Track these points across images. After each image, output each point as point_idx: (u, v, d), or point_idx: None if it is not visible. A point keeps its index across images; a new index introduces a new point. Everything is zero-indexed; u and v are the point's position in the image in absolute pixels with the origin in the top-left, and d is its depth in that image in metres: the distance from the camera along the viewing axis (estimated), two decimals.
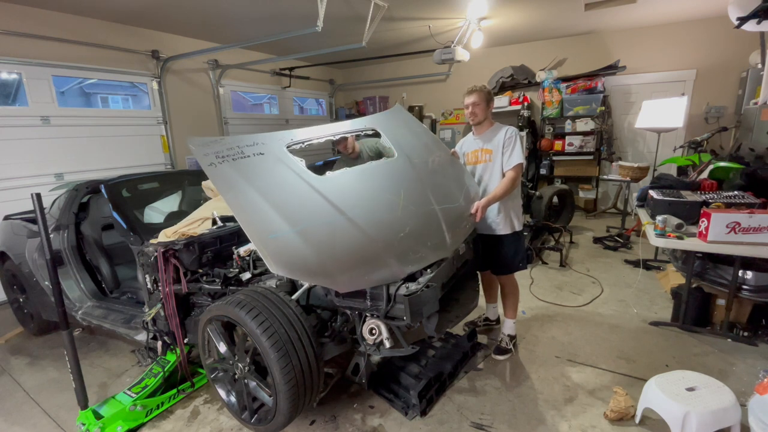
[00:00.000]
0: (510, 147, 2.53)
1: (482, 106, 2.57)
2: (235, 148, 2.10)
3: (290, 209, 1.96)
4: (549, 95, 6.40)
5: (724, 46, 5.61)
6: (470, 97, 2.57)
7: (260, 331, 1.83)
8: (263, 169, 2.09)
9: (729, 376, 2.43)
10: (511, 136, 2.53)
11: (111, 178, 3.05)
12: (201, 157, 1.98)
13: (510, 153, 2.52)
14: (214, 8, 4.43)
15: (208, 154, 2.01)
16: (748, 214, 2.39)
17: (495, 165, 2.60)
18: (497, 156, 2.58)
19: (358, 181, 2.31)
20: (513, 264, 2.70)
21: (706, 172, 3.48)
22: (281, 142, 2.31)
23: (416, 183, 2.46)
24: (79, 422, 2.22)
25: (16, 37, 4.05)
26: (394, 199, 2.27)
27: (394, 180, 2.42)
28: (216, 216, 2.65)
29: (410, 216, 2.23)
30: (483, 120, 2.61)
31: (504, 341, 2.78)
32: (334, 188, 2.15)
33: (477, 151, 2.70)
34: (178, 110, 5.62)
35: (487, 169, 2.65)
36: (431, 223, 2.29)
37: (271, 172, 2.10)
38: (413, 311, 1.83)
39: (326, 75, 8.44)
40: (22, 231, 3.22)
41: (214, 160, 1.98)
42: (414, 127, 2.97)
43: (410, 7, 4.66)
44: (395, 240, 2.06)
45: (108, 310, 2.89)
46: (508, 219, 2.63)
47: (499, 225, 2.63)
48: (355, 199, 2.17)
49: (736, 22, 3.43)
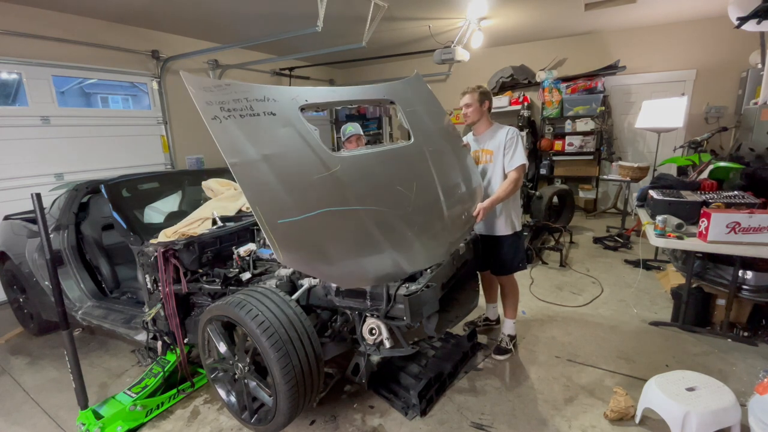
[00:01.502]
0: (512, 148, 2.51)
1: (475, 106, 2.56)
2: (243, 101, 1.80)
3: (301, 190, 1.77)
4: (549, 95, 6.40)
5: (724, 46, 5.61)
6: (463, 98, 2.59)
7: (260, 331, 1.83)
8: (275, 134, 1.83)
9: (729, 376, 2.43)
10: (512, 137, 2.52)
11: (111, 178, 3.05)
12: (203, 105, 1.67)
13: (512, 154, 2.51)
14: (214, 8, 4.43)
15: (212, 103, 1.70)
16: (748, 214, 2.39)
17: (496, 166, 2.60)
18: (498, 156, 2.57)
19: (373, 165, 2.15)
20: (513, 264, 2.70)
21: (706, 172, 3.48)
22: (294, 102, 2.01)
23: (429, 177, 2.37)
24: (79, 422, 2.22)
25: (16, 37, 4.05)
26: (406, 192, 2.17)
27: (409, 170, 2.29)
28: (216, 216, 2.65)
29: (420, 213, 2.20)
30: (477, 120, 2.61)
31: (504, 341, 2.78)
32: (349, 170, 1.98)
33: (477, 151, 2.70)
34: (178, 110, 5.62)
35: (488, 170, 2.65)
36: (438, 223, 2.29)
37: (284, 139, 1.85)
38: (413, 311, 1.83)
39: (326, 75, 8.43)
40: (22, 231, 3.22)
41: (219, 113, 1.69)
42: (432, 106, 2.78)
43: (410, 7, 4.66)
44: (403, 238, 2.05)
45: (108, 310, 2.89)
46: (509, 220, 2.63)
47: (500, 226, 2.63)
48: (368, 187, 2.03)
49: (736, 22, 3.43)
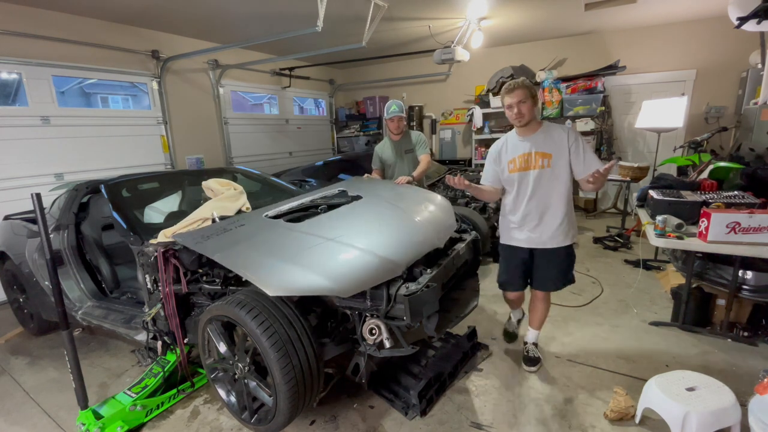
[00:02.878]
0: (581, 148, 2.23)
1: (529, 104, 2.23)
2: (219, 228, 2.29)
3: (276, 248, 2.08)
4: (549, 95, 6.40)
5: (724, 46, 5.61)
6: (513, 95, 2.23)
7: (260, 331, 1.84)
8: (246, 232, 2.26)
9: (729, 376, 2.43)
10: (576, 137, 2.25)
11: (111, 178, 3.05)
12: (189, 243, 2.14)
13: (583, 155, 2.23)
14: (214, 8, 4.43)
15: (194, 236, 2.21)
16: (748, 214, 2.38)
17: (558, 171, 2.27)
18: (561, 160, 2.25)
19: (333, 221, 2.45)
20: (566, 277, 2.44)
21: (706, 172, 3.48)
22: (260, 214, 2.57)
23: (389, 208, 2.67)
24: (79, 422, 2.22)
25: (16, 37, 4.05)
26: (372, 221, 2.49)
27: (368, 212, 2.63)
28: (216, 216, 2.64)
29: (390, 224, 2.44)
30: (531, 120, 2.28)
31: (531, 351, 2.64)
32: (314, 227, 2.32)
33: (527, 155, 2.31)
34: (178, 110, 5.62)
35: (543, 176, 2.29)
36: (412, 225, 2.47)
37: (254, 231, 2.28)
38: (413, 311, 1.83)
39: (326, 75, 8.44)
40: (22, 231, 3.22)
41: (200, 240, 2.15)
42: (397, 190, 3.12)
43: (410, 7, 4.66)
44: (380, 241, 2.19)
45: (108, 310, 2.89)
46: (571, 228, 2.37)
47: (559, 235, 2.35)
48: (335, 229, 2.31)
49: (736, 22, 3.43)
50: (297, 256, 1.99)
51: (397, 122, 3.55)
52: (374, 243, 2.15)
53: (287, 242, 2.14)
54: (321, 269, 1.90)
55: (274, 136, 7.31)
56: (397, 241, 2.24)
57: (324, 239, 2.15)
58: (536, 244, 2.40)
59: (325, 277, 1.85)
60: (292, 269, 1.90)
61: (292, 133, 7.75)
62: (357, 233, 2.26)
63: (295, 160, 7.57)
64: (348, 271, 1.91)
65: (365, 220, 2.49)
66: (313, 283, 1.83)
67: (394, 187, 3.21)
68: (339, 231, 2.26)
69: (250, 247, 2.09)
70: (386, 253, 2.06)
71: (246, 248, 2.08)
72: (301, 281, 1.84)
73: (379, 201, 2.81)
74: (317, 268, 1.91)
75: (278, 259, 1.97)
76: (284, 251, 2.04)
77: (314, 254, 2.02)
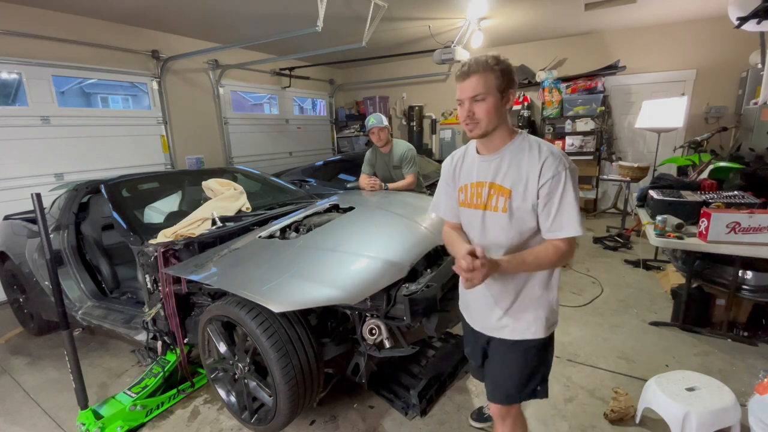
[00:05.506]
0: (559, 194, 1.25)
1: (491, 102, 1.25)
2: (212, 255, 2.26)
3: (276, 264, 2.07)
4: (549, 95, 6.40)
5: (724, 46, 5.60)
6: (465, 85, 1.27)
7: (260, 331, 1.84)
8: (243, 255, 2.23)
9: (729, 376, 2.43)
10: (559, 173, 1.24)
11: (111, 178, 3.05)
12: (184, 273, 2.13)
13: (558, 207, 1.25)
14: (214, 8, 4.43)
15: (188, 265, 2.20)
16: (748, 214, 2.39)
17: (513, 220, 1.32)
18: (524, 204, 1.29)
19: (330, 232, 2.42)
20: (527, 387, 1.47)
21: (706, 172, 3.48)
22: (252, 235, 2.48)
23: (385, 215, 2.70)
24: (79, 422, 2.22)
25: (16, 37, 4.05)
26: (369, 227, 2.52)
27: (364, 220, 2.63)
28: (215, 216, 2.64)
29: (388, 228, 2.48)
30: (493, 129, 1.30)
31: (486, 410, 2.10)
32: (311, 240, 2.31)
33: (480, 185, 1.37)
34: (178, 110, 5.62)
35: (493, 223, 1.35)
36: (410, 226, 2.51)
37: (251, 253, 2.24)
38: (413, 311, 1.83)
39: (326, 75, 8.43)
40: (22, 231, 3.22)
41: (194, 269, 2.13)
42: None
43: (410, 7, 4.66)
44: (381, 244, 2.21)
45: (108, 310, 2.89)
46: (541, 314, 1.41)
47: (523, 323, 1.41)
48: (333, 240, 2.30)
49: (736, 22, 3.43)
50: (299, 270, 1.98)
51: (377, 134, 3.43)
52: (375, 247, 2.16)
53: (286, 258, 2.12)
54: (326, 280, 1.90)
55: (274, 136, 7.32)
56: (398, 242, 2.25)
57: (323, 250, 2.15)
58: (489, 331, 1.47)
59: (331, 287, 1.84)
60: (296, 283, 1.88)
61: (292, 133, 7.75)
62: (357, 241, 2.27)
63: (295, 160, 7.57)
64: (354, 278, 1.92)
65: (362, 228, 2.51)
66: (320, 294, 1.82)
67: (386, 194, 3.26)
68: (338, 240, 2.26)
69: (250, 268, 2.06)
70: (389, 256, 2.07)
71: (245, 269, 2.05)
72: (306, 294, 1.82)
73: (373, 209, 2.83)
74: (322, 279, 1.91)
75: (280, 275, 1.96)
76: (285, 267, 2.03)
77: (316, 266, 2.01)
